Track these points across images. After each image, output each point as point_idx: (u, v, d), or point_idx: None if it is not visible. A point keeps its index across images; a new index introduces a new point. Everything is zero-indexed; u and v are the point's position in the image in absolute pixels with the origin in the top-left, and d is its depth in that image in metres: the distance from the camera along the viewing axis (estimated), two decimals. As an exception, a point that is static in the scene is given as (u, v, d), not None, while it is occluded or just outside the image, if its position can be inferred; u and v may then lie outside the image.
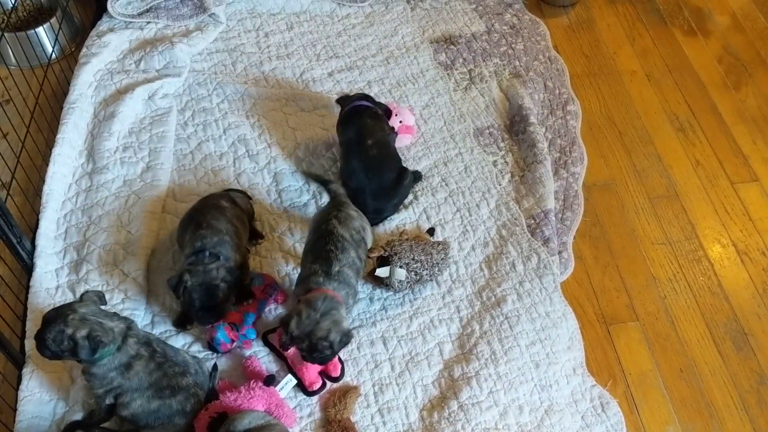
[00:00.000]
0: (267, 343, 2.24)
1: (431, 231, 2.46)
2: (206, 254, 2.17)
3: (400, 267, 2.27)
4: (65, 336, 1.84)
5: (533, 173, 2.66)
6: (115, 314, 1.97)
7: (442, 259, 2.34)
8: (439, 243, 2.37)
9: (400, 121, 2.73)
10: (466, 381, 2.18)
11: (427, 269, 2.31)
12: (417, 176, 2.65)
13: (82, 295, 1.96)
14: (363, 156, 2.46)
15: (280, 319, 2.07)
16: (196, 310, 2.16)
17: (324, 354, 2.00)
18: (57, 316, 1.87)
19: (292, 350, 2.13)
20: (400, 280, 2.28)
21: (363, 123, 2.50)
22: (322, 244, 2.15)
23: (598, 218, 2.63)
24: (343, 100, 2.64)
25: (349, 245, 2.16)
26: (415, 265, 2.29)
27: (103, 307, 1.97)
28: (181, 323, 2.27)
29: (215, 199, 2.36)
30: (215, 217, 2.25)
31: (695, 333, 2.36)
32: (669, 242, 2.57)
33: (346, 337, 2.01)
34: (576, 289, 2.44)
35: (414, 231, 2.48)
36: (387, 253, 2.29)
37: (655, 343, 2.33)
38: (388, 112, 2.69)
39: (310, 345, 1.98)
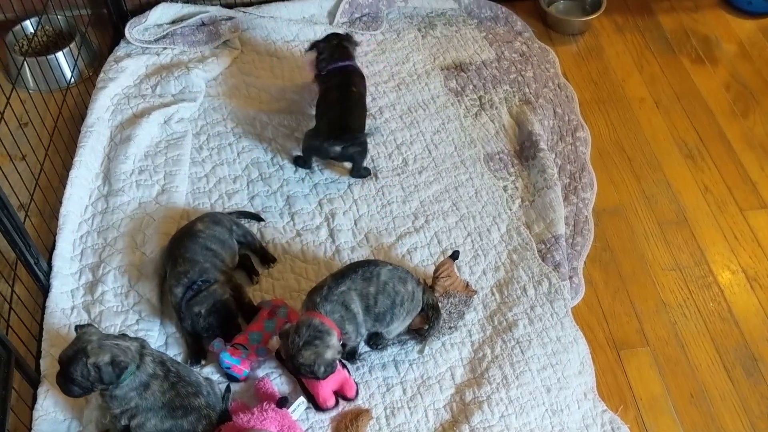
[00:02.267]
0: (280, 359, 2.25)
1: (455, 255, 2.47)
2: (198, 283, 2.24)
3: (436, 339, 2.30)
4: (90, 366, 1.85)
5: (543, 198, 2.69)
6: (125, 335, 1.99)
7: (468, 311, 2.37)
8: (470, 294, 2.36)
9: None
10: (478, 405, 2.18)
11: (456, 330, 2.34)
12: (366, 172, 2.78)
13: (81, 329, 1.94)
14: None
15: (278, 333, 2.14)
16: (219, 331, 2.21)
17: (308, 377, 2.05)
18: (75, 351, 1.88)
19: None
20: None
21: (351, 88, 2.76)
22: (355, 265, 2.16)
23: (608, 243, 2.65)
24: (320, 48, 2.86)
25: (376, 284, 2.11)
26: (448, 332, 2.31)
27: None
28: (195, 359, 2.27)
29: (191, 224, 2.43)
30: (188, 249, 2.32)
31: (706, 358, 2.37)
32: (679, 268, 2.59)
33: (330, 368, 2.02)
34: (587, 314, 2.45)
35: (445, 269, 2.37)
36: (427, 327, 2.27)
37: (666, 368, 2.34)
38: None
39: (293, 366, 2.04)
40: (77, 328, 1.95)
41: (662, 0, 3.61)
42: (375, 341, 2.29)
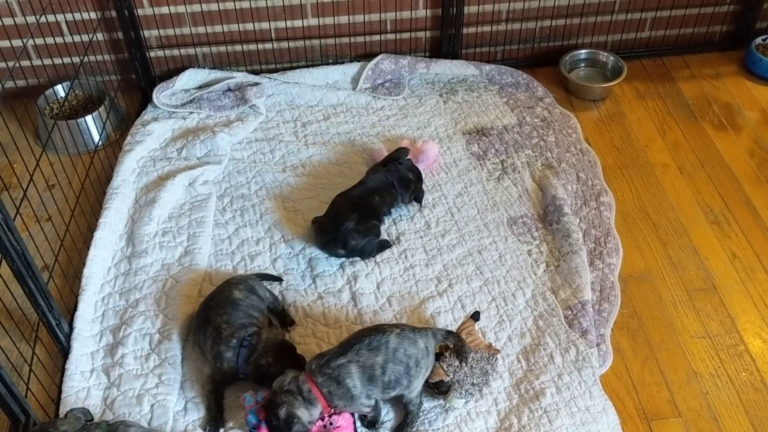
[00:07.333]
0: None
1: (476, 315, 2.43)
2: (247, 339, 2.22)
3: (459, 396, 2.23)
4: None
5: (569, 263, 2.66)
6: (100, 424, 1.96)
7: (494, 372, 2.32)
8: (493, 353, 2.31)
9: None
10: (505, 477, 2.11)
11: (481, 390, 2.27)
12: (384, 244, 2.75)
13: (67, 414, 1.94)
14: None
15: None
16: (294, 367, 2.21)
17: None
18: None
19: (314, 428, 2.11)
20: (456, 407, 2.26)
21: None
22: (363, 334, 2.12)
23: (635, 310, 2.60)
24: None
25: (384, 353, 2.06)
26: (472, 390, 2.24)
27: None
28: (214, 426, 2.22)
29: (228, 291, 2.38)
30: (231, 315, 2.29)
31: (739, 431, 2.28)
32: (709, 336, 2.53)
33: (289, 427, 2.02)
34: (615, 383, 2.39)
35: (466, 326, 2.35)
36: (448, 380, 2.22)
37: (699, 442, 2.26)
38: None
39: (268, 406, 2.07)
40: (69, 411, 1.95)
41: (682, 68, 3.64)
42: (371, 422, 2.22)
